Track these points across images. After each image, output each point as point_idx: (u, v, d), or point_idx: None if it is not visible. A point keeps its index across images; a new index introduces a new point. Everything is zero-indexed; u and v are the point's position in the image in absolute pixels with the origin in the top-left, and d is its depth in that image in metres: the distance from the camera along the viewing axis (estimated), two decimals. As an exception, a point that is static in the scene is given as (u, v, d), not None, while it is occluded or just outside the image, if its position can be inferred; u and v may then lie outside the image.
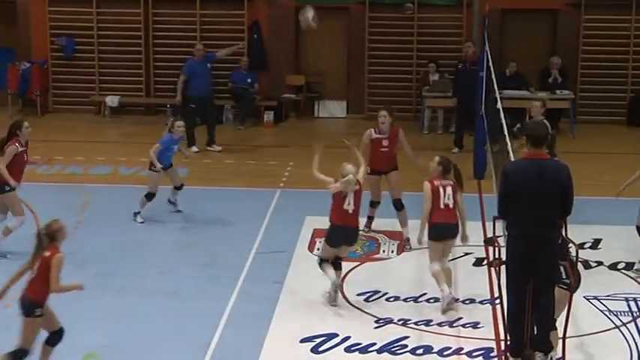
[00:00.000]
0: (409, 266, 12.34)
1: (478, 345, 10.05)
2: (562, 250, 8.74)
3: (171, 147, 14.11)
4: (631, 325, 10.58)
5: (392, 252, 12.93)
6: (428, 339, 10.22)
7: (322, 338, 10.17)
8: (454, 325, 10.59)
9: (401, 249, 12.95)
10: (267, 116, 20.88)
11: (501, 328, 9.35)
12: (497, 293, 9.43)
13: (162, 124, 16.34)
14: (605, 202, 14.24)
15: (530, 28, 21.20)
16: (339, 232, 11.03)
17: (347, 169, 10.95)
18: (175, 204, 14.43)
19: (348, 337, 10.18)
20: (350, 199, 10.95)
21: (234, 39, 20.46)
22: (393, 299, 11.28)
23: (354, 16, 21.34)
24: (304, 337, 10.18)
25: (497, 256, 8.88)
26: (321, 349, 9.96)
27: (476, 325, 10.56)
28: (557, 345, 8.90)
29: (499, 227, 9.12)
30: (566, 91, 19.98)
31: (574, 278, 8.91)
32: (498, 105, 14.35)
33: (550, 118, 13.35)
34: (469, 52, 18.34)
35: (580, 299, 10.65)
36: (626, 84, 20.86)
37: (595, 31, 20.74)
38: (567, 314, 8.87)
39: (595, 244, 13.07)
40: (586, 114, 20.71)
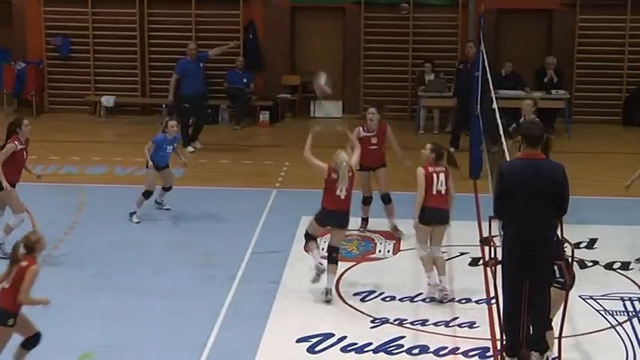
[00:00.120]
0: (405, 266, 12.35)
1: (474, 345, 10.05)
2: (557, 249, 8.76)
3: (165, 147, 14.08)
4: (627, 324, 10.59)
5: (388, 252, 12.95)
6: (424, 339, 10.23)
7: (318, 338, 10.18)
8: (450, 324, 10.60)
9: (397, 247, 12.98)
10: (263, 116, 20.87)
11: (497, 327, 9.35)
12: (493, 293, 9.43)
13: (158, 124, 16.30)
14: (601, 202, 14.26)
15: (526, 28, 21.19)
16: (331, 215, 11.21)
17: (341, 157, 11.16)
18: (162, 203, 14.46)
19: (344, 337, 10.19)
20: (342, 185, 11.08)
21: (230, 39, 20.38)
22: (389, 299, 11.29)
23: (350, 15, 21.31)
24: (300, 337, 10.19)
25: (493, 255, 8.89)
26: (317, 349, 9.96)
27: (472, 324, 10.57)
28: (553, 344, 8.92)
29: (495, 227, 9.14)
30: (561, 91, 19.96)
31: (569, 277, 8.93)
32: (494, 105, 14.35)
33: (546, 117, 13.34)
34: (471, 53, 18.18)
35: (576, 299, 10.64)
36: (622, 84, 20.83)
37: (590, 31, 20.73)
38: (563, 314, 8.88)
39: (591, 244, 13.06)
40: (581, 114, 20.68)
